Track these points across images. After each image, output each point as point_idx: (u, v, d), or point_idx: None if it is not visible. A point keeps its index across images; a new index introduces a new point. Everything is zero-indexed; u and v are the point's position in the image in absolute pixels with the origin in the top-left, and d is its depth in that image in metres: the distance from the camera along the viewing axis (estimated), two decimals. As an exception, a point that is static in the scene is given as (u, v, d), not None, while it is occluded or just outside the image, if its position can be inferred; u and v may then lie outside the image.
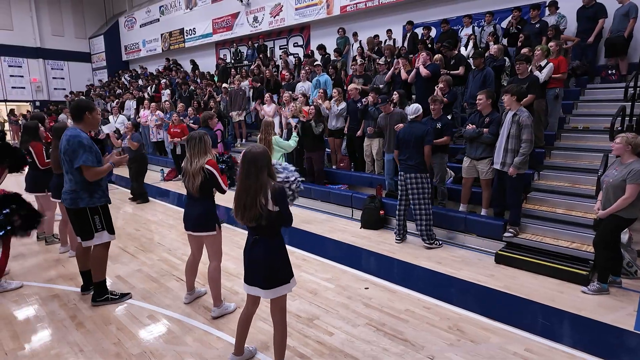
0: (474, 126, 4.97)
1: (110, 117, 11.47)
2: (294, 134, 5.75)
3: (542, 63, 5.71)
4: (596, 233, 3.94)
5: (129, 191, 7.81)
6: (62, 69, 20.44)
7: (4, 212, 1.91)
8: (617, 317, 3.38)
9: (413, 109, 4.97)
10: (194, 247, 3.49)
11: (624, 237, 4.14)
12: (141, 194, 7.60)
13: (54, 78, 20.16)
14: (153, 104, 11.02)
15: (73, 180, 3.34)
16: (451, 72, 6.88)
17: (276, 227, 2.45)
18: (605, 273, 3.79)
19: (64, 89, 20.05)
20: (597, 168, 4.76)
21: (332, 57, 10.12)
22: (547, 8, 7.60)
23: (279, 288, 2.45)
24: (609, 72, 6.92)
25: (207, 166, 3.14)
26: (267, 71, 10.15)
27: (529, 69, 5.55)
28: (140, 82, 15.59)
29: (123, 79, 17.51)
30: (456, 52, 7.29)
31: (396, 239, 5.22)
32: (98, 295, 3.63)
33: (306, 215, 6.52)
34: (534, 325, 3.27)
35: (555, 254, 4.35)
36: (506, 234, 4.71)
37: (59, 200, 4.45)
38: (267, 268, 2.42)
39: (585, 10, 6.99)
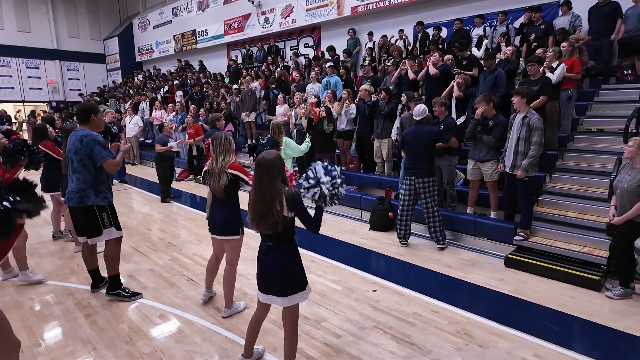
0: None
1: (126, 118, 11.66)
2: (307, 139, 5.65)
3: (554, 64, 5.63)
4: (612, 238, 3.88)
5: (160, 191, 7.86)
6: (77, 70, 20.85)
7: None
8: (629, 323, 3.33)
9: (420, 110, 4.93)
10: (218, 248, 3.51)
11: (638, 242, 4.06)
12: (162, 191, 7.73)
13: (69, 79, 20.57)
14: (170, 105, 11.17)
15: (81, 180, 3.43)
16: (465, 72, 6.83)
17: (290, 233, 2.45)
18: (626, 277, 3.74)
19: (79, 90, 20.45)
20: (610, 171, 4.68)
21: (342, 58, 10.12)
22: (559, 8, 7.48)
23: (295, 295, 2.44)
24: (625, 72, 6.78)
25: (230, 170, 3.15)
26: (277, 71, 10.21)
27: (541, 70, 5.48)
28: (154, 83, 15.81)
29: (137, 80, 17.78)
30: (468, 52, 7.24)
31: (401, 243, 5.15)
32: (112, 288, 3.75)
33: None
34: (544, 330, 3.24)
35: (567, 258, 4.30)
36: (516, 237, 4.67)
37: None
38: (284, 276, 2.41)
39: (599, 9, 6.86)
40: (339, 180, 2.44)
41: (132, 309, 3.62)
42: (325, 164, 2.48)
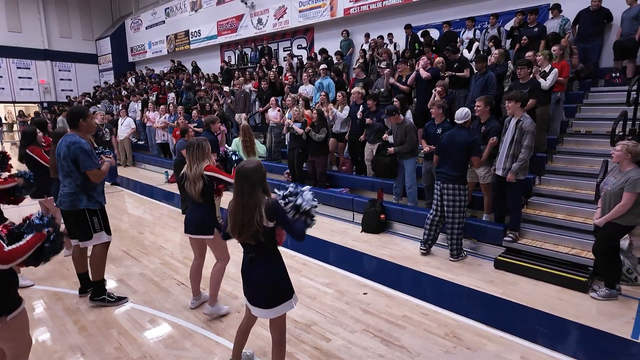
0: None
1: (118, 120, 11.59)
2: (258, 142, 6.01)
3: (547, 69, 5.69)
4: (595, 240, 3.93)
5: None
6: (69, 71, 20.71)
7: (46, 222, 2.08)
8: (616, 325, 3.37)
9: (463, 113, 4.59)
10: (196, 251, 3.55)
11: (624, 243, 4.12)
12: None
13: (61, 79, 20.43)
14: (162, 107, 11.13)
15: (73, 184, 3.42)
16: (457, 73, 6.89)
17: (272, 243, 2.42)
18: (611, 278, 3.79)
19: (71, 90, 20.31)
20: (598, 173, 4.74)
21: (335, 60, 10.15)
22: (550, 11, 7.57)
23: (279, 307, 2.40)
24: (613, 75, 6.88)
25: (206, 172, 3.21)
26: (270, 73, 10.20)
27: (530, 73, 5.53)
28: (145, 84, 15.73)
29: (129, 81, 17.67)
30: (459, 55, 7.29)
31: (421, 248, 4.94)
32: (96, 294, 3.72)
33: (308, 219, 6.54)
34: (532, 332, 3.28)
35: (555, 260, 4.34)
36: (506, 239, 4.72)
37: None
38: (267, 288, 2.38)
39: (589, 13, 6.95)
40: (314, 203, 2.50)
41: (121, 314, 3.61)
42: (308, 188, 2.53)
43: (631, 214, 3.60)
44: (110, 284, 4.14)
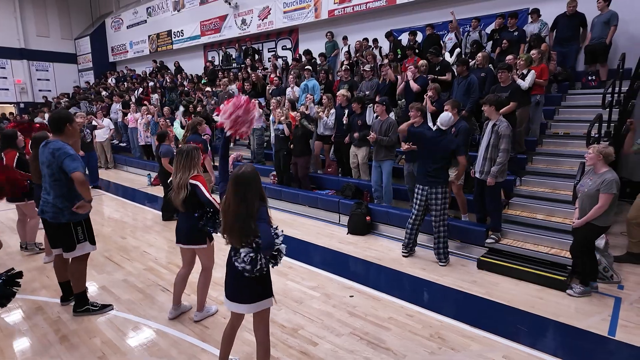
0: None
1: (98, 121, 11.32)
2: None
3: (525, 71, 5.83)
4: (572, 240, 4.06)
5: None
6: (47, 70, 20.11)
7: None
8: (593, 322, 3.49)
9: (447, 119, 4.61)
10: (186, 260, 3.49)
11: (601, 242, 4.26)
12: (167, 210, 6.57)
13: (38, 79, 19.81)
14: (144, 107, 10.93)
15: (58, 192, 3.32)
16: (439, 77, 6.98)
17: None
18: (587, 276, 3.92)
19: (49, 91, 19.73)
20: (576, 174, 4.88)
21: (318, 62, 10.16)
22: (529, 15, 7.75)
23: (260, 303, 2.47)
24: (589, 78, 7.09)
25: (192, 181, 3.16)
26: (253, 74, 10.14)
27: (511, 77, 5.66)
28: (126, 84, 15.43)
29: (110, 81, 17.32)
30: (441, 58, 7.40)
31: (403, 252, 4.97)
32: (78, 306, 3.62)
33: (293, 221, 6.55)
34: (514, 332, 3.36)
35: (535, 259, 4.46)
36: (488, 240, 4.81)
37: None
38: (248, 284, 2.42)
39: (566, 18, 7.14)
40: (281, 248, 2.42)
41: (104, 322, 3.54)
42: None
43: (607, 215, 3.74)
44: (93, 292, 4.06)
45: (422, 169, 4.72)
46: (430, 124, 6.05)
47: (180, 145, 3.43)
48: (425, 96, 6.27)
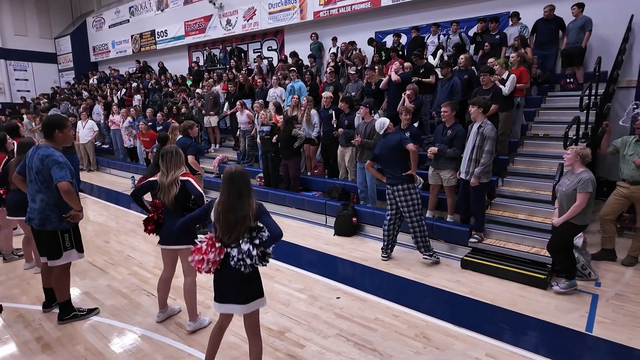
0: (435, 149, 5.10)
1: (79, 123, 11.10)
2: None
3: (504, 76, 5.96)
4: (550, 238, 4.17)
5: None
6: (25, 70, 19.58)
7: None
8: (571, 319, 3.60)
9: (380, 123, 4.87)
10: (168, 262, 3.47)
11: (579, 241, 4.39)
12: None
13: (17, 79, 19.28)
14: (124, 110, 10.77)
15: (45, 201, 3.26)
16: (423, 79, 7.08)
17: None
18: (571, 271, 4.03)
19: (28, 91, 19.22)
20: (555, 175, 5.02)
21: (306, 63, 10.17)
22: (509, 19, 7.92)
23: (253, 303, 2.51)
24: (567, 80, 7.29)
25: (182, 177, 3.18)
26: (240, 75, 10.09)
27: (493, 80, 5.78)
28: (110, 85, 15.15)
29: (92, 81, 16.97)
30: (425, 61, 7.50)
31: (382, 256, 4.98)
32: (64, 314, 3.55)
33: (280, 223, 6.51)
34: (496, 330, 3.44)
35: (517, 258, 4.57)
36: (471, 240, 4.91)
37: (18, 219, 4.34)
38: (241, 283, 2.46)
39: (545, 22, 7.33)
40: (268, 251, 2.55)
41: (88, 329, 3.48)
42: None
43: (585, 214, 3.86)
44: (75, 298, 3.98)
45: (383, 171, 4.90)
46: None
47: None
48: (403, 95, 6.37)
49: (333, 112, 6.82)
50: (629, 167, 4.52)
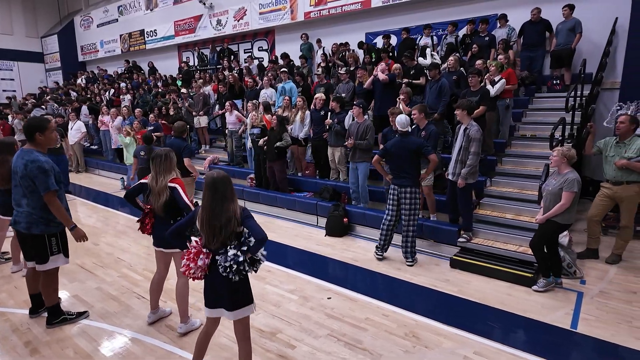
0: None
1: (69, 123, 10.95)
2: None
3: (496, 78, 6.05)
4: (533, 235, 4.25)
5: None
6: (11, 70, 19.25)
7: None
8: (557, 317, 3.67)
9: (404, 121, 4.70)
10: (161, 264, 3.46)
11: (564, 239, 4.48)
12: None
13: (2, 79, 18.95)
14: (113, 110, 10.65)
15: (30, 205, 3.22)
16: (413, 81, 7.15)
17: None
18: (546, 269, 4.12)
19: (14, 91, 18.89)
20: (541, 175, 5.11)
21: (297, 64, 10.18)
22: (497, 21, 8.03)
23: (243, 309, 2.50)
24: (554, 82, 7.42)
25: (170, 184, 3.15)
26: (230, 76, 10.06)
27: (481, 81, 5.86)
28: (98, 85, 14.97)
29: (80, 81, 16.76)
30: (416, 62, 7.57)
31: (377, 254, 5.00)
32: (53, 318, 3.52)
33: (271, 223, 6.56)
34: (484, 328, 3.50)
35: (505, 257, 4.64)
36: (460, 239, 4.98)
37: (7, 218, 4.27)
38: (231, 289, 2.45)
39: (532, 25, 7.45)
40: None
41: (77, 332, 3.46)
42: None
43: (569, 213, 3.95)
44: (64, 301, 3.95)
45: (393, 170, 4.85)
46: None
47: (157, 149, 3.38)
48: (397, 99, 6.43)
49: (329, 113, 6.85)
50: (611, 168, 4.62)
